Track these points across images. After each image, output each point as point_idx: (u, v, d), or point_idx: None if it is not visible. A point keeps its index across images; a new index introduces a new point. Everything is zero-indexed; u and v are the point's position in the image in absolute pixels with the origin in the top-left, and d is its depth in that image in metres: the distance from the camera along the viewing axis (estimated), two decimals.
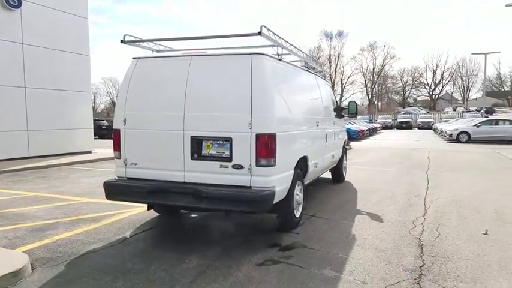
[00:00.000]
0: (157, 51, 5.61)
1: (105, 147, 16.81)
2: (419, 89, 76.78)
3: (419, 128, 45.63)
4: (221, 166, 4.58)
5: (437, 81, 74.81)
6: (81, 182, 9.27)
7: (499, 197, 7.79)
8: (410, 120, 46.06)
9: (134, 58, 5.15)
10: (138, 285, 3.72)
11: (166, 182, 4.77)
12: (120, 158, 5.08)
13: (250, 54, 4.59)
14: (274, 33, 4.87)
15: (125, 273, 3.97)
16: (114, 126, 5.12)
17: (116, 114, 5.13)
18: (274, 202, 4.51)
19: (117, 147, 5.09)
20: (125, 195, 4.97)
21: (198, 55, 4.88)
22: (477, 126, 24.15)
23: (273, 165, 4.47)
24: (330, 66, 71.51)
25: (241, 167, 4.48)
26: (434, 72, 74.01)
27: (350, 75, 74.85)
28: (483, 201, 7.39)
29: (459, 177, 10.25)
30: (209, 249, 4.66)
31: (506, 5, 22.37)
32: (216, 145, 4.62)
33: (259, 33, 4.48)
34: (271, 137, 4.42)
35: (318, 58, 65.70)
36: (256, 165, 4.43)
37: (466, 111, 53.25)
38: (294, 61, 6.47)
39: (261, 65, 4.52)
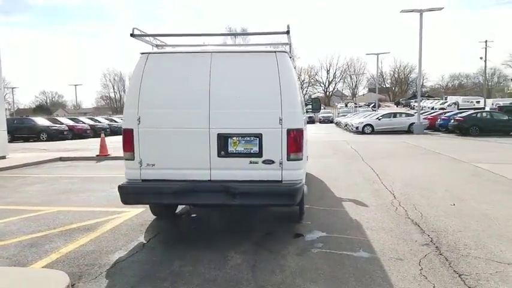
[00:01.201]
0: (156, 46, 5.39)
1: (22, 150, 15.08)
2: (315, 86, 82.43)
3: (320, 122, 49.06)
4: (251, 162, 4.64)
5: (330, 79, 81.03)
6: (27, 191, 8.31)
7: (438, 178, 9.02)
8: (313, 115, 49.22)
9: (143, 53, 4.90)
10: (202, 285, 3.66)
11: (191, 181, 4.66)
12: (133, 160, 4.80)
13: (275, 52, 4.71)
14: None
15: (178, 276, 3.86)
16: (126, 126, 4.82)
17: (126, 112, 4.83)
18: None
19: (129, 147, 4.79)
20: (149, 198, 4.75)
21: (219, 52, 4.84)
22: (379, 119, 26.94)
23: (301, 159, 4.67)
24: None
25: (272, 162, 4.60)
26: (328, 71, 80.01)
27: None
28: (428, 182, 8.50)
29: (393, 163, 11.49)
30: (240, 244, 4.71)
31: (401, 11, 25.26)
32: (244, 141, 4.65)
33: (287, 32, 4.63)
34: (300, 132, 4.62)
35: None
36: (287, 160, 4.59)
37: (358, 106, 58.60)
38: None
39: (286, 62, 4.67)
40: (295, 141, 4.58)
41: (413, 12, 25.31)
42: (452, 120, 25.43)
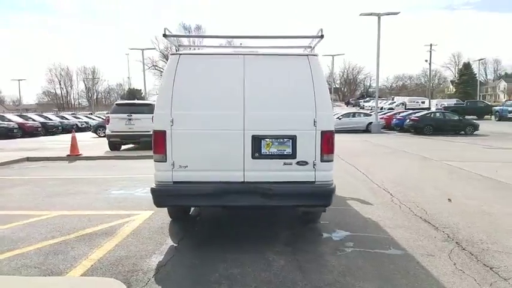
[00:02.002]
0: (179, 46, 5.28)
1: None
2: None
3: None
4: (285, 163, 4.69)
5: None
6: (13, 194, 7.78)
7: (420, 176, 9.55)
8: None
9: (174, 54, 4.80)
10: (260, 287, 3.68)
11: (225, 183, 4.63)
12: (165, 162, 4.68)
13: (307, 55, 4.79)
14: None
15: (230, 279, 3.85)
16: (157, 127, 4.69)
17: (158, 113, 4.70)
18: None
19: (161, 149, 4.67)
20: (184, 200, 4.67)
21: (252, 54, 4.83)
22: (339, 119, 27.79)
23: (333, 160, 4.80)
24: None
25: (306, 163, 4.68)
26: None
27: None
28: (414, 180, 9.00)
29: (371, 162, 11.97)
30: (272, 245, 4.75)
31: (360, 14, 26.21)
32: (277, 143, 4.69)
33: (322, 36, 4.72)
34: (332, 133, 4.73)
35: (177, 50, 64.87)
36: (321, 161, 4.69)
37: None
38: None
39: (318, 65, 4.77)
40: (328, 143, 4.69)
41: (372, 15, 26.35)
42: (408, 120, 26.82)
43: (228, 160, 4.69)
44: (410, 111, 31.60)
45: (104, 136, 25.68)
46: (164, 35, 4.78)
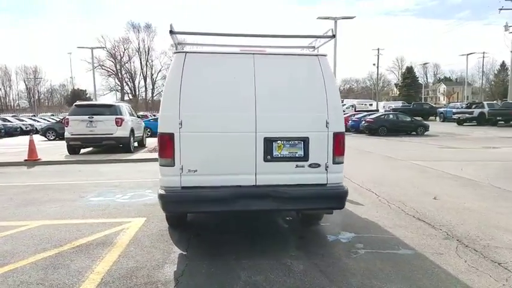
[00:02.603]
0: (178, 44, 5.03)
1: None
2: None
3: None
4: (297, 166, 4.59)
5: None
6: None
7: (395, 175, 9.85)
8: None
9: (179, 52, 4.55)
10: None
11: (236, 187, 4.46)
12: (173, 166, 4.42)
13: (317, 55, 4.74)
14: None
15: (257, 286, 3.69)
16: (164, 130, 4.43)
17: (165, 115, 4.43)
18: None
19: (169, 153, 4.41)
20: (196, 206, 4.41)
21: (261, 53, 4.69)
22: None
23: (343, 162, 4.77)
24: (140, 59, 69.69)
25: (318, 166, 4.62)
26: None
27: (160, 70, 74.74)
28: (392, 179, 9.25)
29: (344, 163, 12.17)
30: (284, 250, 4.67)
31: (317, 18, 26.78)
32: (288, 145, 4.59)
33: (333, 36, 4.68)
34: (343, 135, 4.71)
35: (125, 50, 63.07)
36: (333, 163, 4.65)
37: None
38: None
39: (328, 66, 4.73)
40: (340, 144, 4.67)
41: (329, 19, 27.04)
42: (363, 122, 27.73)
43: (240, 163, 4.52)
44: (365, 113, 32.67)
45: (54, 139, 24.38)
46: (171, 32, 4.53)
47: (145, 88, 74.09)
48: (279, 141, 4.56)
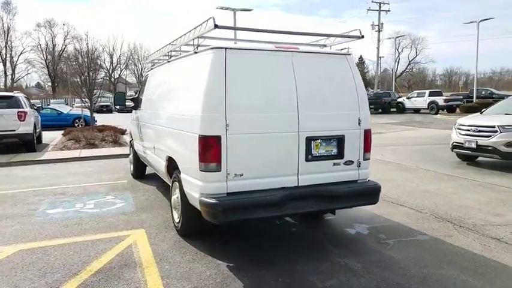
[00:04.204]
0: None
1: None
2: (99, 72, 75.97)
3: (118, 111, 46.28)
4: (334, 164, 4.61)
5: (115, 65, 76.74)
6: None
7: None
8: (110, 104, 45.99)
9: (216, 48, 4.14)
10: None
11: (280, 189, 4.29)
12: (219, 171, 4.04)
13: (346, 54, 4.77)
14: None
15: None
16: (209, 133, 4.01)
17: (209, 117, 4.02)
18: None
19: (215, 157, 4.01)
20: (252, 212, 4.09)
21: (298, 51, 4.53)
22: None
23: (370, 158, 4.94)
24: None
25: (352, 163, 4.71)
26: (111, 56, 75.34)
27: (22, 52, 65.54)
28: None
29: None
30: (321, 249, 4.70)
31: (216, 8, 26.56)
32: (324, 144, 4.57)
33: (362, 36, 4.75)
34: (371, 132, 4.87)
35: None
36: (363, 159, 4.78)
37: None
38: None
39: (355, 65, 4.81)
40: (369, 141, 4.82)
41: (228, 10, 27.03)
42: None
43: (284, 164, 4.37)
44: None
45: None
46: (216, 26, 4.07)
47: (5, 73, 64.29)
48: (317, 140, 4.51)
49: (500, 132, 9.39)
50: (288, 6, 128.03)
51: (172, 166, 5.29)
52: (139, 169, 8.50)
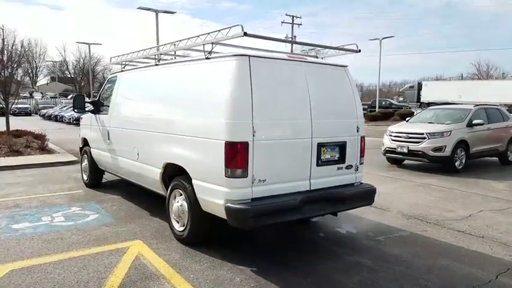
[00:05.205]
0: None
1: None
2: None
3: (15, 114, 42.23)
4: (338, 168, 4.94)
5: (5, 63, 69.00)
6: None
7: None
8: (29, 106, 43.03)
9: (240, 55, 4.21)
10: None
11: (296, 194, 4.49)
12: (246, 177, 4.10)
13: (344, 66, 5.14)
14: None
15: (369, 286, 3.95)
16: (238, 138, 4.06)
17: (238, 123, 4.08)
18: None
19: (243, 163, 4.06)
20: (277, 216, 4.24)
21: (307, 61, 4.78)
22: None
23: (364, 162, 5.35)
24: None
25: (351, 167, 5.09)
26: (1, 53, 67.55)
27: None
28: None
29: None
30: (324, 250, 4.98)
31: (138, 8, 25.60)
32: (329, 149, 4.88)
33: (359, 50, 5.14)
34: (365, 138, 5.30)
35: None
36: (359, 163, 5.19)
37: (56, 97, 54.09)
38: None
39: (351, 76, 5.21)
40: (363, 147, 5.25)
41: (150, 11, 26.25)
42: None
43: (299, 169, 4.60)
44: None
45: None
46: (245, 34, 4.11)
47: None
48: (326, 146, 4.80)
49: (429, 138, 10.68)
50: (196, 11, 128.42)
51: (169, 173, 5.15)
52: (96, 178, 7.97)
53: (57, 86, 72.12)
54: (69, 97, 55.15)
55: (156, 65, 5.86)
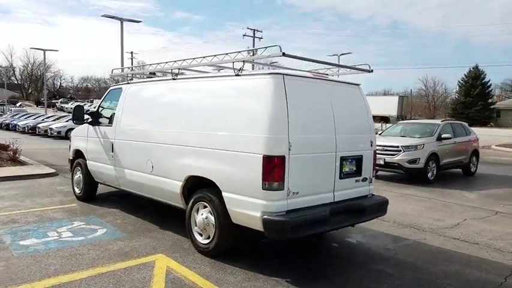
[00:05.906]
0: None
1: None
2: None
3: None
4: (356, 181, 5.24)
5: None
6: None
7: None
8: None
9: (275, 73, 4.42)
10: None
11: (323, 205, 4.73)
12: (282, 190, 4.28)
13: (358, 84, 5.48)
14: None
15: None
16: (275, 153, 4.26)
17: (275, 138, 4.29)
18: None
19: (279, 177, 4.24)
20: (314, 228, 4.50)
21: (331, 80, 5.08)
22: None
23: (375, 175, 5.68)
24: None
25: (366, 179, 5.40)
26: None
27: None
28: None
29: None
30: (347, 264, 5.22)
31: (102, 15, 25.07)
32: (348, 163, 5.17)
33: (371, 70, 5.49)
34: (376, 152, 5.64)
35: None
36: (372, 176, 5.52)
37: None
38: None
39: (364, 93, 5.56)
40: (375, 160, 5.58)
41: (115, 19, 25.78)
42: None
43: (325, 182, 4.84)
44: None
45: None
46: (284, 54, 4.30)
47: None
48: (346, 160, 5.08)
49: (404, 151, 11.33)
50: (149, 20, 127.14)
51: (188, 186, 5.21)
52: (90, 191, 7.76)
53: (3, 93, 68.22)
54: (18, 104, 52.54)
55: (174, 79, 5.87)
